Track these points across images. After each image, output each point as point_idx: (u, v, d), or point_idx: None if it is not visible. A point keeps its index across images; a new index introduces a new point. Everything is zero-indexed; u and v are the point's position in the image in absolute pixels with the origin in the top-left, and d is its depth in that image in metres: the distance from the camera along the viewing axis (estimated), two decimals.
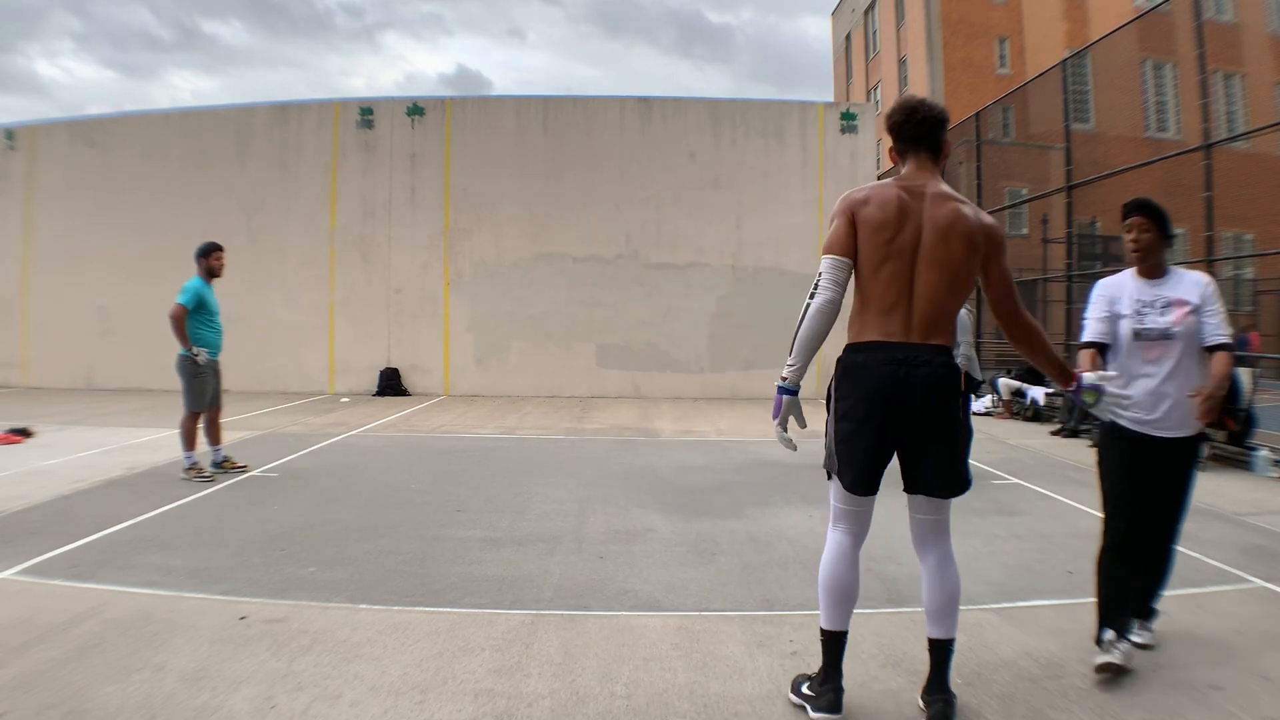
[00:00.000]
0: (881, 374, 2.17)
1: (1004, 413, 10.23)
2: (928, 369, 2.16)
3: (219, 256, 5.86)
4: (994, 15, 27.01)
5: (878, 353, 2.19)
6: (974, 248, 2.20)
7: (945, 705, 2.23)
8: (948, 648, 2.27)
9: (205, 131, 13.39)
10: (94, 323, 13.22)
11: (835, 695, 2.25)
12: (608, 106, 13.23)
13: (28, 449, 6.92)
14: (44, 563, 3.66)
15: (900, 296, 2.19)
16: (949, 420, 2.22)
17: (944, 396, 2.19)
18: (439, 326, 13.07)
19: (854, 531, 2.35)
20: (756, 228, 13.02)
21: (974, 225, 2.21)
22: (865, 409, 2.20)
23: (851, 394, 2.24)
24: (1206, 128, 7.68)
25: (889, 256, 2.19)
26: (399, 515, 4.73)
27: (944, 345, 2.22)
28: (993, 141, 12.95)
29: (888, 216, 2.19)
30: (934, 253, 2.18)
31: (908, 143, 2.31)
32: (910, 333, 2.19)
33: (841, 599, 2.28)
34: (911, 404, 2.17)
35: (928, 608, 2.30)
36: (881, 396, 2.18)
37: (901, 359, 2.16)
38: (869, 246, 2.21)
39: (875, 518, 5.08)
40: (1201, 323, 2.59)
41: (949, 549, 2.32)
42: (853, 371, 2.25)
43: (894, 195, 2.21)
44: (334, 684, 2.47)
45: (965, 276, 2.22)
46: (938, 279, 2.18)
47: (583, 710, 2.33)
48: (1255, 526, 4.63)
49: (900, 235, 2.18)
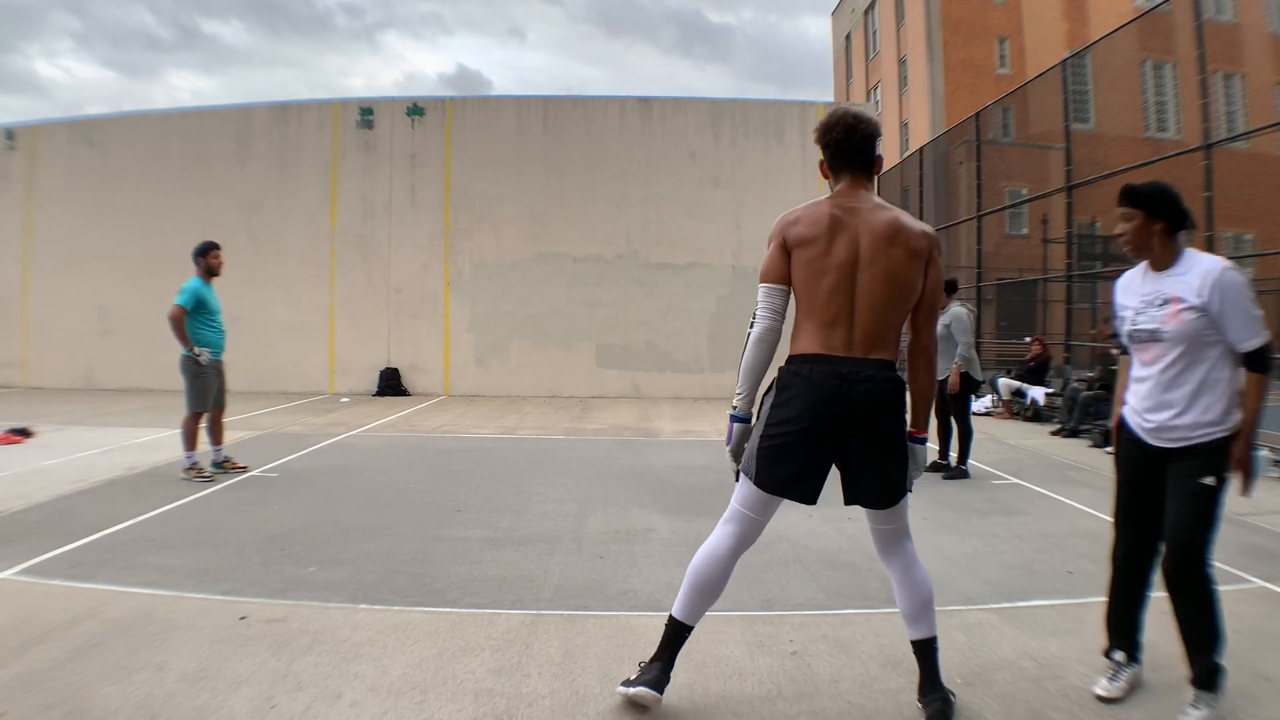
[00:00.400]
0: (825, 388, 2.13)
1: (1004, 413, 10.22)
2: (869, 384, 2.13)
3: (217, 255, 5.84)
4: (994, 15, 27.00)
5: (821, 365, 2.15)
6: (916, 253, 2.18)
7: (943, 704, 2.23)
8: (931, 646, 2.28)
9: (205, 131, 13.39)
10: (94, 323, 13.22)
11: (660, 675, 2.25)
12: (608, 106, 13.23)
13: (28, 449, 6.92)
14: (44, 563, 3.66)
15: (841, 310, 2.16)
16: (890, 436, 2.19)
17: (886, 412, 2.16)
18: (439, 326, 13.07)
19: (744, 536, 2.29)
20: (756, 228, 13.00)
21: (914, 231, 2.20)
22: (807, 421, 2.14)
23: (791, 404, 2.17)
24: (1206, 128, 7.69)
25: (826, 270, 2.16)
26: (399, 515, 4.73)
27: (887, 360, 2.18)
28: (993, 141, 12.95)
29: (820, 233, 2.17)
30: (874, 261, 2.15)
31: (843, 160, 2.28)
32: (852, 347, 2.16)
33: (705, 596, 2.28)
34: (853, 419, 2.13)
35: (902, 612, 2.32)
36: (824, 410, 2.13)
37: (845, 374, 2.13)
38: (804, 266, 2.19)
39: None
40: (1221, 324, 2.23)
41: (911, 553, 2.33)
42: (795, 383, 2.18)
43: (826, 212, 2.21)
44: (334, 684, 2.47)
45: (907, 283, 2.18)
46: (880, 288, 2.15)
47: (583, 710, 2.33)
48: (1255, 526, 4.63)
49: (835, 249, 2.16)
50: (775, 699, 2.41)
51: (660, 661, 2.28)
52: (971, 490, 5.66)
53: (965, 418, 6.17)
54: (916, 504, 5.09)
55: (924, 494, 5.47)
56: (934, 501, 5.23)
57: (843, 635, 2.91)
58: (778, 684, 2.51)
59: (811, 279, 2.17)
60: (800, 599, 3.32)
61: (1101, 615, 2.58)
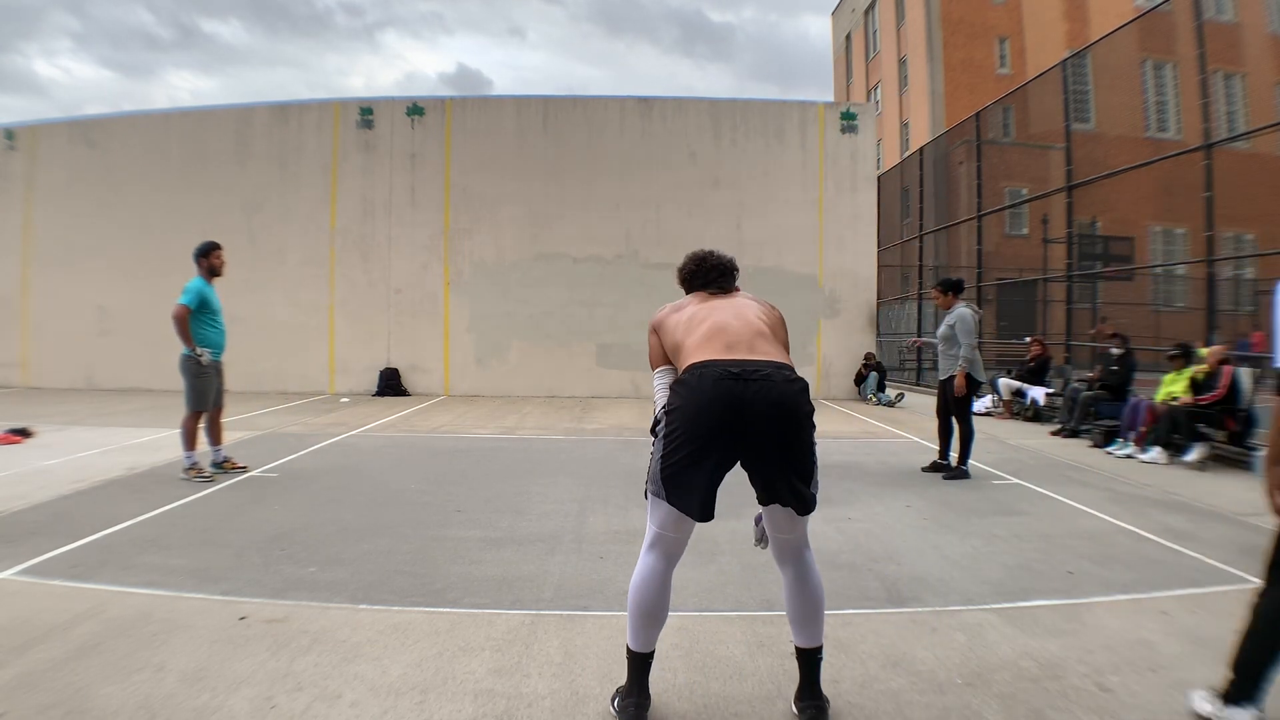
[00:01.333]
0: (717, 389, 2.08)
1: (1004, 413, 10.22)
2: (768, 384, 2.09)
3: (219, 255, 5.84)
4: (994, 15, 27.01)
5: (710, 369, 2.12)
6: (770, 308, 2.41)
7: (817, 712, 2.23)
8: (815, 656, 2.27)
9: (205, 131, 13.39)
10: (94, 323, 13.23)
11: (638, 711, 2.24)
12: (608, 106, 13.23)
13: (28, 449, 6.92)
14: (44, 563, 3.66)
15: (720, 327, 2.25)
16: (797, 431, 2.13)
17: (788, 411, 2.10)
18: (439, 326, 13.07)
19: (669, 556, 2.26)
20: (756, 228, 13.02)
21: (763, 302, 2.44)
22: (705, 423, 2.08)
23: (686, 412, 2.11)
24: (1207, 128, 7.69)
25: (702, 321, 2.29)
26: (399, 515, 4.73)
27: (781, 361, 2.19)
28: (993, 141, 12.96)
29: (687, 305, 2.41)
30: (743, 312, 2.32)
31: (708, 283, 2.48)
32: (738, 349, 2.18)
33: (652, 621, 2.24)
34: (753, 418, 2.07)
35: (791, 616, 2.31)
36: (719, 410, 2.07)
37: (738, 373, 2.09)
38: (679, 326, 2.32)
39: (875, 518, 5.09)
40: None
41: (809, 561, 2.34)
42: (682, 391, 2.14)
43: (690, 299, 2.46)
44: (334, 684, 2.47)
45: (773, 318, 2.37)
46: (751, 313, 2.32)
47: (583, 710, 2.33)
48: (1255, 526, 4.63)
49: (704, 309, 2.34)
50: (775, 699, 2.41)
51: (634, 695, 2.26)
52: (971, 490, 5.66)
53: (967, 419, 6.16)
54: (917, 504, 5.11)
55: (924, 494, 5.47)
56: (934, 501, 5.23)
57: (843, 635, 2.90)
58: (778, 684, 2.51)
59: (690, 330, 2.29)
60: None
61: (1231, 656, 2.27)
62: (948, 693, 2.46)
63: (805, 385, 2.18)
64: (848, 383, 12.98)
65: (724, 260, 2.51)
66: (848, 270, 13.15)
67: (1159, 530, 4.53)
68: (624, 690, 2.29)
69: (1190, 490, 5.71)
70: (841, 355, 13.06)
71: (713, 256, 2.51)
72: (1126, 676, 2.57)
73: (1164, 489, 5.74)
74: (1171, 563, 3.91)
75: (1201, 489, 5.76)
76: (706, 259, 2.51)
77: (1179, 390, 7.14)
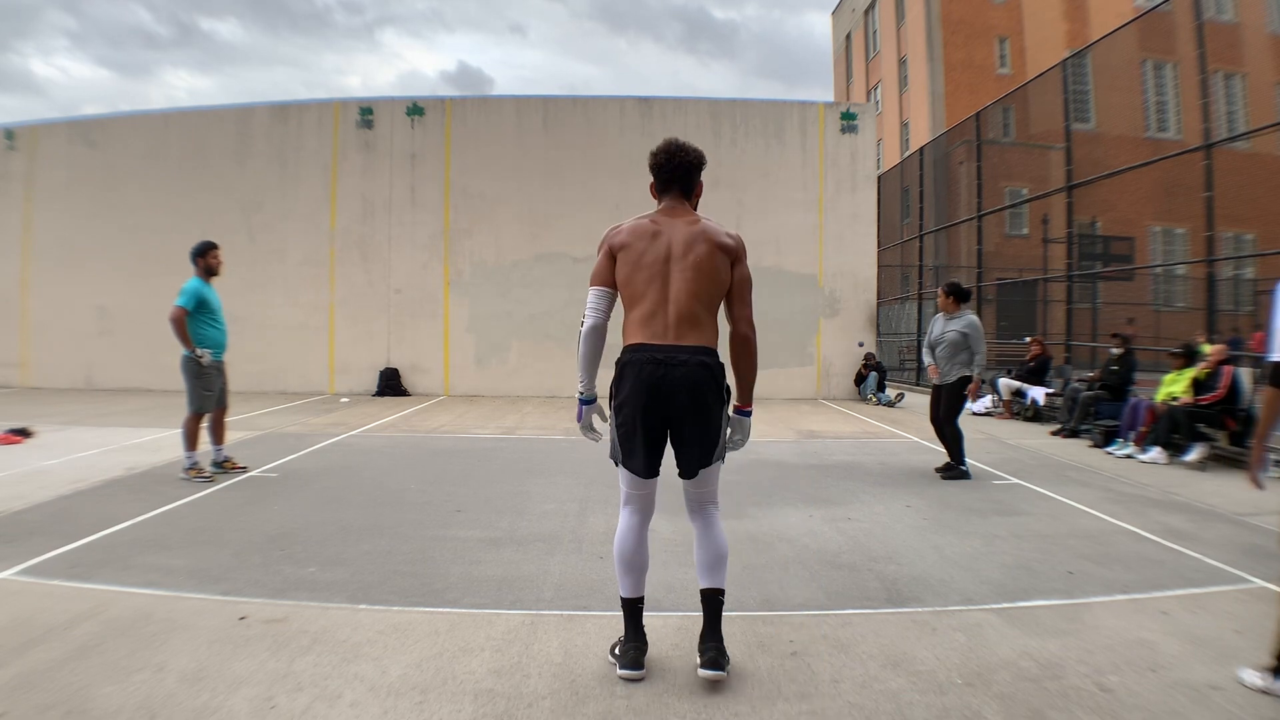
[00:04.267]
0: (644, 372, 2.46)
1: (1004, 413, 10.22)
2: (684, 369, 2.45)
3: (215, 254, 5.82)
4: (994, 15, 27.00)
5: (641, 352, 2.48)
6: (722, 248, 2.54)
7: (716, 653, 2.48)
8: (717, 597, 2.56)
9: (205, 131, 13.39)
10: (94, 323, 13.23)
11: (636, 653, 2.53)
12: (608, 106, 13.23)
13: (28, 449, 6.92)
14: (44, 563, 3.66)
15: (658, 304, 2.50)
16: (705, 413, 2.49)
17: (699, 392, 2.46)
18: (439, 326, 13.07)
19: (641, 511, 2.61)
20: (756, 228, 13.00)
21: (721, 233, 2.58)
22: (637, 402, 2.46)
23: (625, 391, 2.50)
24: (1207, 128, 7.69)
25: (642, 268, 2.51)
26: (399, 515, 4.73)
27: (700, 345, 2.49)
28: (993, 141, 12.95)
29: (638, 239, 2.55)
30: (684, 256, 2.51)
31: (665, 182, 2.66)
32: (667, 334, 2.48)
33: (633, 569, 2.57)
34: (672, 398, 2.45)
35: (698, 562, 2.61)
36: (646, 391, 2.45)
37: (662, 358, 2.45)
38: (625, 267, 2.54)
39: (875, 518, 5.09)
40: None
41: (713, 515, 2.62)
42: (625, 372, 2.51)
43: (646, 223, 2.59)
44: (334, 684, 2.47)
45: (714, 275, 2.52)
46: (690, 280, 2.49)
47: (583, 710, 2.33)
48: (1255, 526, 4.63)
49: (651, 251, 2.52)
50: (775, 699, 2.41)
51: (632, 641, 2.55)
52: (971, 490, 5.66)
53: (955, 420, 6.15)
54: (917, 504, 5.11)
55: (924, 494, 5.48)
56: (934, 501, 5.23)
57: (843, 635, 2.91)
58: (778, 684, 2.51)
59: (631, 275, 2.52)
60: (800, 599, 3.31)
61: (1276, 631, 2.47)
62: (948, 693, 2.46)
63: (716, 368, 2.51)
64: (848, 383, 12.98)
65: (688, 160, 2.64)
66: (848, 270, 13.14)
67: (1159, 530, 4.53)
68: (622, 638, 2.59)
69: (1190, 490, 5.71)
70: (842, 355, 13.06)
71: (679, 154, 2.64)
72: (1126, 676, 2.57)
73: (1164, 489, 5.74)
74: (1171, 563, 3.91)
75: (1201, 489, 5.76)
76: (674, 155, 2.64)
77: (1179, 390, 7.14)
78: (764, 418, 10.17)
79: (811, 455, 7.15)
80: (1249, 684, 2.46)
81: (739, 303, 2.60)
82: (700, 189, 2.72)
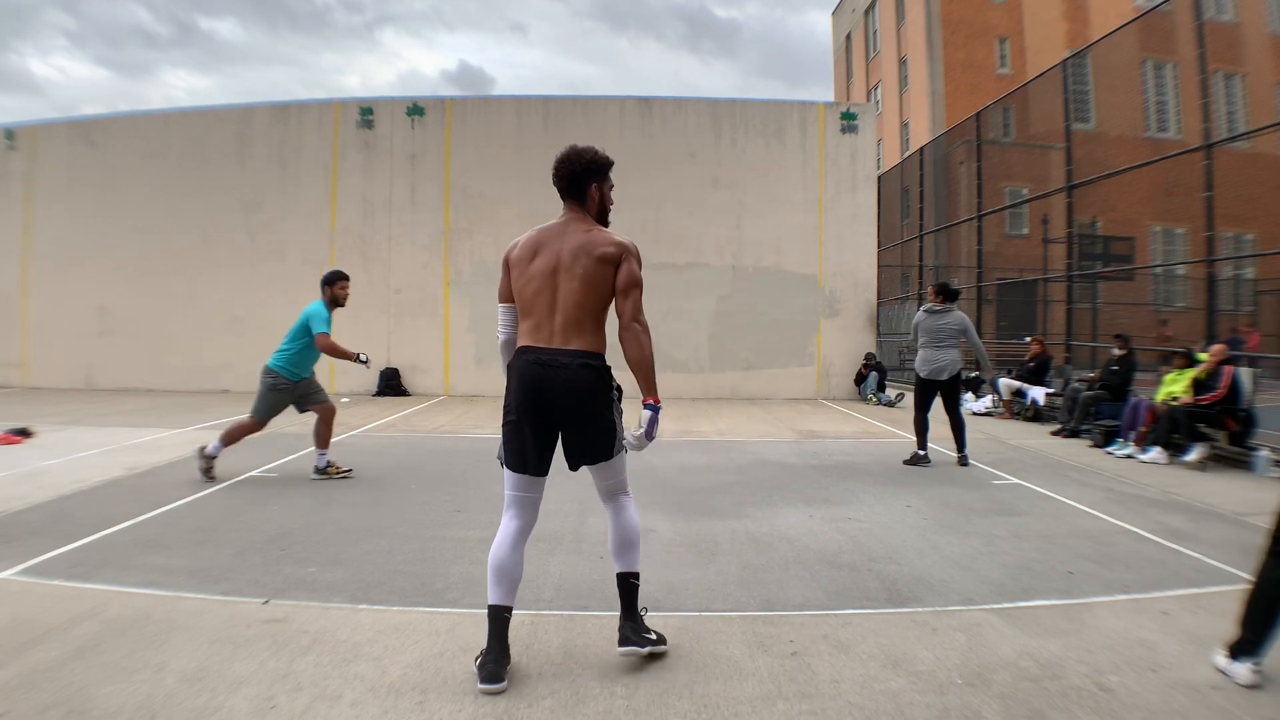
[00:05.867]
0: (528, 373, 2.57)
1: (1004, 413, 10.22)
2: (567, 371, 2.55)
3: (344, 286, 5.94)
4: (994, 15, 27.00)
5: (526, 355, 2.60)
6: (605, 259, 2.59)
7: (630, 631, 2.65)
8: (630, 580, 2.72)
9: (205, 131, 13.39)
10: (94, 323, 13.22)
11: (495, 666, 2.47)
12: (608, 106, 13.23)
13: (28, 449, 6.92)
14: (44, 563, 3.66)
15: (546, 312, 2.60)
16: (591, 412, 2.59)
17: (582, 393, 2.56)
18: (439, 326, 13.07)
19: (522, 518, 2.65)
20: (756, 228, 13.02)
21: (601, 240, 2.62)
22: (522, 403, 2.58)
23: (511, 392, 2.62)
24: (1207, 128, 7.69)
25: (532, 278, 2.62)
26: (399, 515, 4.73)
27: (583, 350, 2.58)
28: (993, 141, 12.95)
29: (527, 252, 2.65)
30: (571, 268, 2.59)
31: (560, 190, 2.73)
32: (552, 339, 2.58)
33: (502, 578, 2.57)
34: (555, 399, 2.55)
35: (610, 548, 2.76)
36: (530, 391, 2.56)
37: (544, 360, 2.56)
38: (518, 279, 2.66)
39: (875, 518, 5.08)
40: None
41: (623, 503, 2.76)
42: (511, 374, 2.64)
43: (535, 235, 2.68)
44: (334, 684, 2.47)
45: (599, 283, 2.59)
46: (576, 287, 2.58)
47: (583, 710, 2.33)
48: (1255, 527, 4.62)
49: (538, 261, 2.62)
50: (775, 699, 2.41)
51: (492, 654, 2.49)
52: (971, 490, 5.66)
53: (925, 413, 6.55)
54: (917, 504, 5.11)
55: (924, 494, 5.48)
56: (934, 501, 5.24)
57: (843, 635, 2.91)
58: (778, 684, 2.51)
59: (523, 288, 2.64)
60: (800, 599, 3.31)
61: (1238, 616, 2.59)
62: (948, 693, 2.46)
63: (598, 370, 2.59)
64: (848, 383, 12.98)
65: (575, 168, 2.68)
66: (848, 270, 13.15)
67: (1159, 530, 4.53)
68: (484, 650, 2.53)
69: (1190, 490, 5.71)
70: (842, 355, 13.06)
71: (567, 162, 2.68)
72: (1126, 676, 2.57)
73: (1164, 489, 5.74)
74: (1171, 563, 3.91)
75: (1201, 489, 5.76)
76: (563, 163, 2.69)
77: (1179, 390, 7.14)
78: (764, 418, 10.17)
79: (811, 455, 7.15)
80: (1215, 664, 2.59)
81: (622, 299, 2.62)
82: (598, 194, 2.72)
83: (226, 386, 12.85)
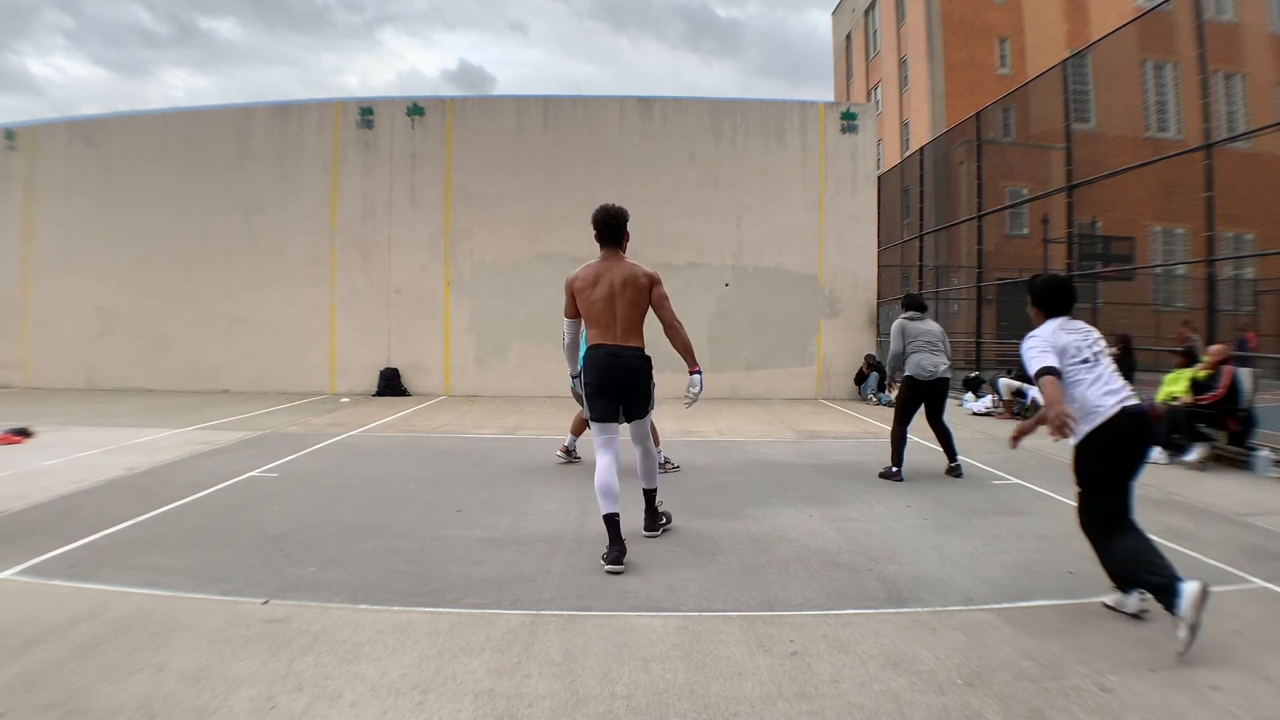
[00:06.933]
0: (604, 362, 3.87)
1: (1004, 413, 10.22)
2: (628, 359, 3.87)
3: None
4: (994, 15, 27.00)
5: (601, 349, 3.89)
6: (641, 287, 3.88)
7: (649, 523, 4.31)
8: (651, 493, 4.28)
9: (205, 132, 13.39)
10: (94, 323, 13.22)
11: (618, 554, 3.67)
12: (608, 106, 13.23)
13: (28, 449, 6.92)
14: (44, 563, 3.66)
15: (609, 321, 3.88)
16: (640, 385, 3.91)
17: (637, 373, 3.89)
18: (439, 326, 13.07)
19: (610, 450, 3.86)
20: (756, 228, 13.02)
21: (639, 272, 3.88)
22: (599, 381, 3.86)
23: (592, 373, 3.88)
24: (1207, 128, 7.68)
25: (597, 300, 3.87)
26: (399, 515, 4.73)
27: (636, 346, 3.90)
28: (993, 141, 12.94)
29: (588, 283, 3.89)
30: (622, 292, 3.86)
31: (601, 238, 3.94)
32: (616, 339, 3.87)
33: (609, 495, 3.74)
34: (621, 377, 3.86)
35: (639, 473, 4.24)
36: (606, 373, 3.85)
37: (613, 352, 3.87)
38: (585, 300, 3.90)
39: (875, 518, 5.09)
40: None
41: (648, 446, 4.16)
42: (590, 361, 3.90)
43: (593, 269, 3.92)
44: (334, 684, 2.47)
45: (640, 301, 3.88)
46: (627, 306, 3.86)
47: (583, 710, 2.33)
48: (1255, 527, 4.63)
49: (598, 288, 3.87)
50: (775, 699, 2.41)
51: (616, 545, 3.70)
52: (971, 490, 5.66)
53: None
54: (917, 504, 5.11)
55: (924, 494, 5.47)
56: (934, 501, 5.24)
57: (843, 635, 2.91)
58: (778, 684, 2.51)
59: (590, 306, 3.90)
60: (800, 599, 3.31)
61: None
62: (948, 693, 2.46)
63: (645, 358, 3.93)
64: (848, 383, 12.98)
65: (616, 223, 3.92)
66: (848, 270, 13.14)
67: (1159, 530, 4.52)
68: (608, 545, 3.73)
69: (1190, 490, 5.71)
70: (842, 355, 13.06)
71: (611, 219, 3.91)
72: (1126, 676, 2.57)
73: (1164, 489, 5.74)
74: (1172, 563, 3.91)
75: (1201, 489, 5.76)
76: (608, 220, 3.92)
77: (1179, 390, 7.14)
78: (764, 417, 10.17)
79: (811, 455, 7.15)
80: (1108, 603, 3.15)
81: (659, 309, 3.91)
82: (628, 236, 3.98)
83: (226, 386, 12.85)
